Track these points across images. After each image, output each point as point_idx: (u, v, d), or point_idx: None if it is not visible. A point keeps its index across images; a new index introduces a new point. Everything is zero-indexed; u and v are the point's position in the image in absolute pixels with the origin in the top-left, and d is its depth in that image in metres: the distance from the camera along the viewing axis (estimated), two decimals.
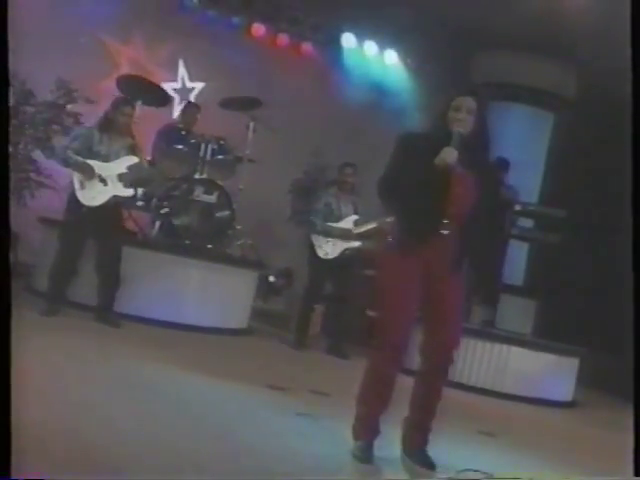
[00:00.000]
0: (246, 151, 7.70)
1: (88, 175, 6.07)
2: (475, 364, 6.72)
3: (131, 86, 7.34)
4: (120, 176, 6.19)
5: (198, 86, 9.72)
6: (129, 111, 6.35)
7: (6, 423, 2.27)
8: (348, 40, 10.67)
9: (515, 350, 6.90)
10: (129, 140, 6.36)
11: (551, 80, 10.25)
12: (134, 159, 6.29)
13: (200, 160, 7.35)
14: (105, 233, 6.22)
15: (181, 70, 8.78)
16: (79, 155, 6.09)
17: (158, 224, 7.11)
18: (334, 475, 3.46)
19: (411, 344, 3.63)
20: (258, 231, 8.34)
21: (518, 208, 7.93)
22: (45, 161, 7.08)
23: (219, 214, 7.31)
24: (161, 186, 7.23)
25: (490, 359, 6.81)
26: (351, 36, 10.66)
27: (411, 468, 3.62)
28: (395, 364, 3.62)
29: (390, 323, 3.58)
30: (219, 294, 7.00)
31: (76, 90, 7.22)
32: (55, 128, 7.02)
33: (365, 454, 3.59)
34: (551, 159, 10.60)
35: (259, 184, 8.23)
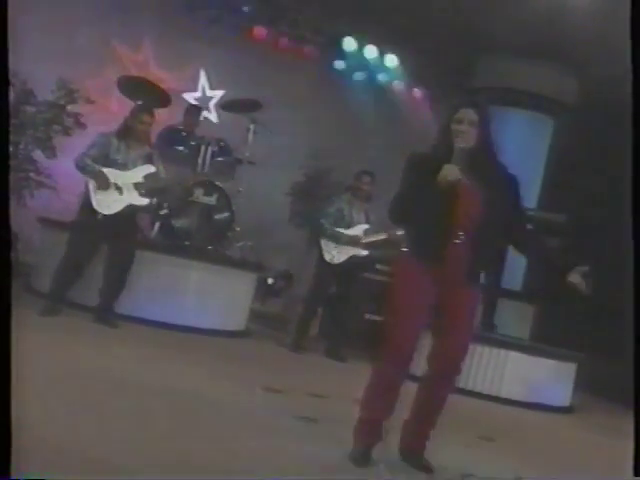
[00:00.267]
0: (246, 153, 7.71)
1: (103, 184, 6.05)
2: (473, 368, 6.71)
3: (132, 87, 7.35)
4: (136, 185, 6.18)
5: (218, 94, 9.68)
6: (148, 119, 6.32)
7: (6, 423, 2.26)
8: (349, 43, 10.68)
9: (513, 355, 6.90)
10: (147, 149, 6.36)
11: (551, 85, 10.26)
12: (151, 168, 6.28)
13: (200, 162, 7.36)
14: (118, 241, 6.21)
15: (202, 80, 8.63)
16: (97, 162, 6.07)
17: (157, 225, 7.11)
18: (332, 478, 3.47)
19: (418, 350, 3.65)
20: (257, 233, 8.34)
21: None
22: (45, 161, 7.08)
23: (218, 216, 7.31)
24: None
25: (488, 364, 6.81)
26: (352, 39, 10.67)
27: (409, 472, 3.62)
28: (402, 372, 3.63)
29: (399, 332, 3.58)
30: (218, 296, 7.00)
31: (77, 90, 7.22)
32: (56, 128, 7.01)
33: (363, 459, 3.59)
34: (550, 164, 10.61)
35: (259, 186, 8.24)
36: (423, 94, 11.39)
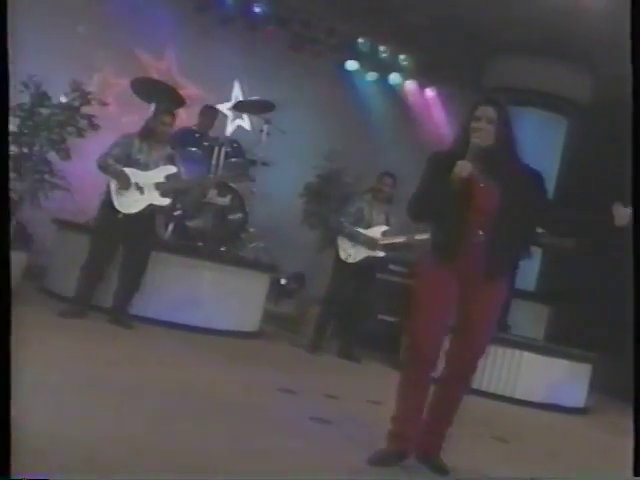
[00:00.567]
0: (259, 154, 7.71)
1: (124, 184, 6.08)
2: (487, 369, 6.69)
3: (145, 88, 7.37)
4: (157, 185, 6.19)
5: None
6: (169, 120, 6.36)
7: (6, 423, 2.26)
8: (362, 44, 10.67)
9: (528, 356, 6.87)
10: (168, 149, 6.38)
11: (565, 85, 10.22)
12: (172, 169, 6.30)
13: (214, 163, 7.38)
14: (137, 240, 6.23)
15: (236, 89, 8.58)
16: (119, 163, 6.11)
17: (171, 226, 7.13)
18: (346, 478, 3.46)
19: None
20: (270, 234, 8.34)
21: None
22: (59, 163, 7.10)
23: (232, 217, 7.32)
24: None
25: (502, 364, 6.78)
26: (365, 40, 10.66)
27: (424, 473, 3.61)
28: (424, 370, 3.61)
29: (420, 330, 3.59)
30: (231, 297, 7.00)
31: (90, 92, 7.24)
32: (70, 130, 7.03)
33: (390, 464, 3.56)
34: (564, 163, 10.56)
35: (272, 187, 8.24)
36: (436, 94, 11.37)
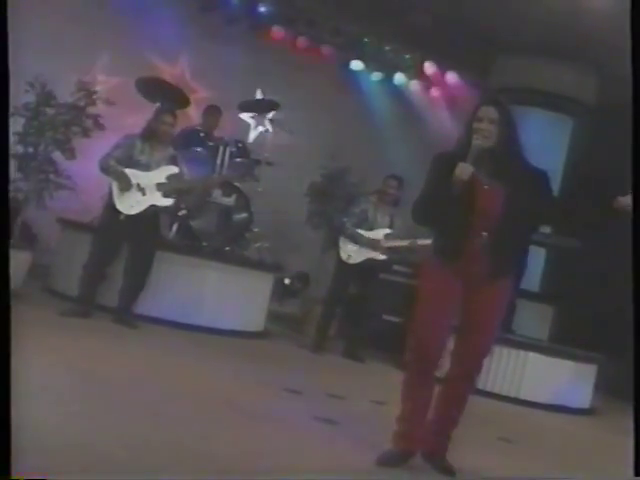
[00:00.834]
0: (264, 154, 7.71)
1: (125, 185, 6.09)
2: (492, 370, 6.68)
3: (150, 88, 7.37)
4: (159, 185, 6.19)
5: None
6: (170, 120, 6.36)
7: (6, 423, 2.25)
8: (367, 44, 10.66)
9: (532, 356, 6.86)
10: (170, 150, 6.39)
11: (570, 85, 10.20)
12: (174, 169, 6.30)
13: (219, 162, 7.38)
14: (140, 241, 6.24)
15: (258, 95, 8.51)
16: (120, 164, 6.12)
17: (176, 226, 7.13)
18: (352, 479, 3.46)
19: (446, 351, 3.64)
20: (275, 234, 8.34)
21: None
22: (64, 162, 7.11)
23: (237, 216, 7.32)
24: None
25: (507, 365, 6.77)
26: (370, 40, 10.65)
27: (430, 473, 3.60)
28: (427, 369, 3.61)
29: (423, 330, 3.59)
30: (236, 296, 7.01)
31: (96, 92, 7.24)
32: (75, 130, 7.03)
33: (396, 464, 3.56)
34: (570, 164, 10.54)
35: (277, 187, 8.24)
36: (441, 94, 11.36)
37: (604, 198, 3.55)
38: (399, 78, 11.16)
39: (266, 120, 7.90)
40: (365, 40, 10.62)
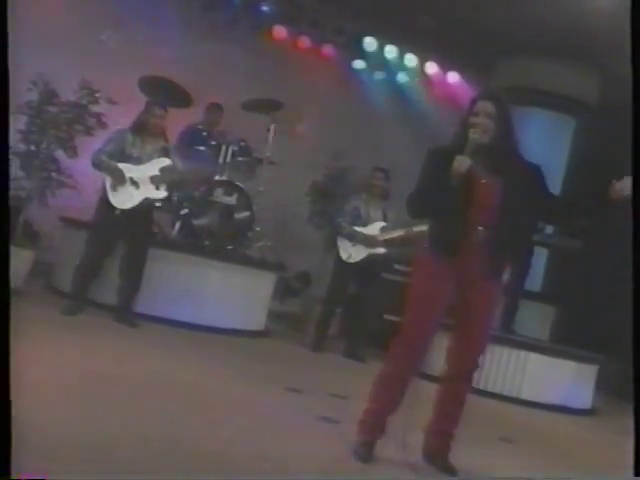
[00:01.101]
0: (266, 153, 7.71)
1: (119, 179, 6.10)
2: (493, 370, 6.68)
3: (153, 87, 7.37)
4: (152, 178, 6.20)
5: None
6: (161, 113, 6.36)
7: (6, 423, 2.25)
8: (369, 43, 10.67)
9: (533, 356, 6.86)
10: (162, 142, 6.39)
11: (573, 85, 10.18)
12: (166, 161, 6.30)
13: (221, 161, 7.38)
14: (135, 235, 6.25)
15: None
16: (112, 158, 6.13)
17: (178, 225, 7.14)
18: (353, 478, 3.46)
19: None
20: (277, 233, 8.34)
21: None
22: (67, 161, 7.11)
23: (239, 215, 7.32)
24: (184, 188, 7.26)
25: (508, 365, 6.77)
26: (372, 39, 10.65)
27: (432, 474, 3.60)
28: (410, 365, 3.62)
29: (413, 324, 3.59)
30: (238, 295, 7.02)
31: (98, 91, 7.25)
32: (77, 128, 7.03)
33: (366, 453, 3.58)
34: (572, 164, 10.53)
35: (279, 186, 8.23)
36: (443, 94, 11.34)
37: (601, 187, 3.56)
38: (401, 78, 11.16)
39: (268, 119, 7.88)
40: (367, 39, 10.61)
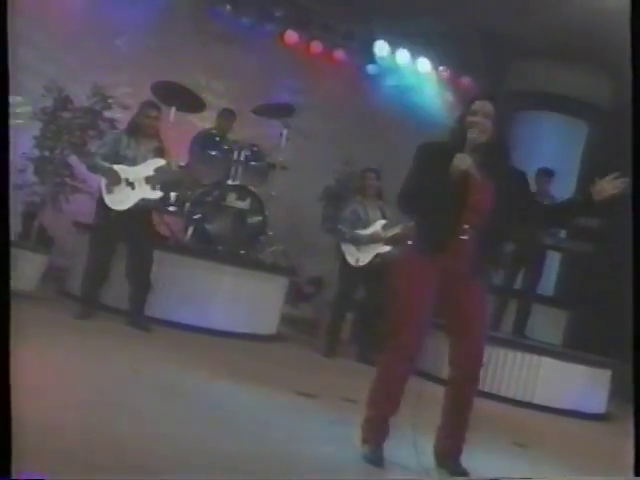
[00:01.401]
0: (279, 158, 7.73)
1: (114, 180, 6.12)
2: (506, 374, 6.67)
3: (166, 92, 7.40)
4: (147, 179, 6.22)
5: None
6: (154, 113, 6.38)
7: (6, 423, 2.27)
8: (381, 48, 10.68)
9: (546, 361, 6.84)
10: (155, 143, 6.40)
11: (585, 89, 10.17)
12: (161, 161, 6.31)
13: (233, 166, 7.41)
14: (135, 236, 6.26)
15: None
16: (107, 160, 6.15)
17: (191, 229, 7.16)
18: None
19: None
20: (289, 237, 8.36)
21: None
22: (80, 166, 7.16)
23: (251, 220, 7.34)
24: (194, 191, 7.30)
25: (521, 369, 6.76)
26: (384, 44, 10.66)
27: (445, 477, 3.60)
28: (405, 365, 3.62)
29: (402, 325, 3.59)
30: (250, 300, 7.03)
31: (112, 96, 7.30)
32: (91, 133, 7.08)
33: (376, 456, 3.58)
34: (585, 168, 10.50)
35: (291, 191, 8.25)
36: (455, 98, 11.34)
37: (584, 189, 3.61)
38: (413, 82, 11.15)
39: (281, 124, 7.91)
40: (379, 44, 10.61)
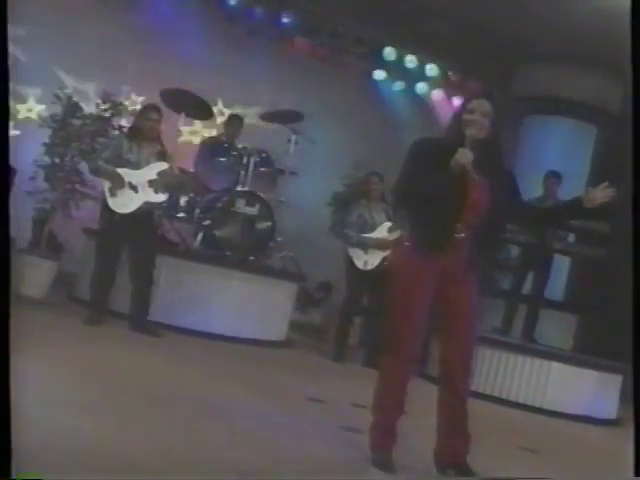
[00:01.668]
0: (288, 164, 7.75)
1: (117, 184, 6.14)
2: (515, 379, 6.66)
3: (175, 99, 7.43)
4: (150, 182, 6.24)
5: None
6: (155, 117, 6.37)
7: (6, 423, 2.27)
8: (389, 53, 10.69)
9: (556, 366, 6.81)
10: (158, 146, 6.42)
11: (594, 93, 10.15)
12: (164, 165, 6.33)
13: (242, 172, 7.43)
14: (138, 240, 6.27)
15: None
16: (110, 164, 6.17)
17: (200, 235, 7.18)
18: None
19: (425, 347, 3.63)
20: (298, 243, 8.37)
21: None
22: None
23: (260, 226, 7.36)
24: (203, 197, 7.32)
25: (531, 374, 6.74)
26: (392, 49, 10.67)
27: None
28: (406, 367, 3.61)
29: (402, 327, 3.57)
30: (259, 306, 7.04)
31: (121, 103, 7.34)
32: (101, 140, 7.12)
33: (387, 461, 3.56)
34: (594, 172, 10.47)
35: (300, 196, 8.26)
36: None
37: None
38: (421, 87, 11.16)
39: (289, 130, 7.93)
40: (387, 49, 10.62)
